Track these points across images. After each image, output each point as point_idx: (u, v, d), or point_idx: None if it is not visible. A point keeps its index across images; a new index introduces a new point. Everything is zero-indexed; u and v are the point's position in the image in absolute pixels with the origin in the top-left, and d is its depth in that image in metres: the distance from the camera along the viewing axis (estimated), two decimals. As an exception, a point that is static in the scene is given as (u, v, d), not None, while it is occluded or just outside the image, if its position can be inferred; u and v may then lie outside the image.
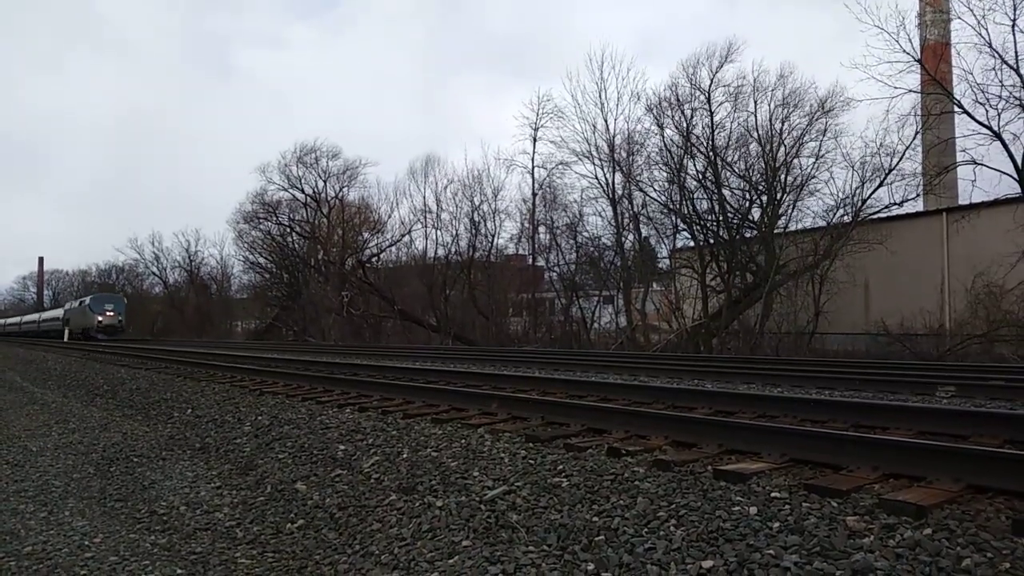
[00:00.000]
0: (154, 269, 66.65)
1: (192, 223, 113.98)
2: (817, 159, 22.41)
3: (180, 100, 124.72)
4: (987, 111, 16.95)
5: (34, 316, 72.13)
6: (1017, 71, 16.20)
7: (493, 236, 34.04)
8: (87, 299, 52.77)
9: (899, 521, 3.21)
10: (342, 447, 6.30)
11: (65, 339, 50.18)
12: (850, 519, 3.29)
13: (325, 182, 45.85)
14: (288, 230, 48.88)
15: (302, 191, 46.35)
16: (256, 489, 5.95)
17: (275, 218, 48.79)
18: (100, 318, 48.59)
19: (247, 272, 55.18)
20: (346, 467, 5.81)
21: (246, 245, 51.86)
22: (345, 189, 46.05)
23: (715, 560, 3.15)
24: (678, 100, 24.53)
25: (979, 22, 16.53)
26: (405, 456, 5.65)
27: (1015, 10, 16.00)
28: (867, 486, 3.77)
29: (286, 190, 46.62)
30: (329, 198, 46.15)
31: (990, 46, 16.50)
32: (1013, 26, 16.06)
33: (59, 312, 61.37)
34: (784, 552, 3.07)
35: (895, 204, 21.37)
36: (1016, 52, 16.16)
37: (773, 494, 3.73)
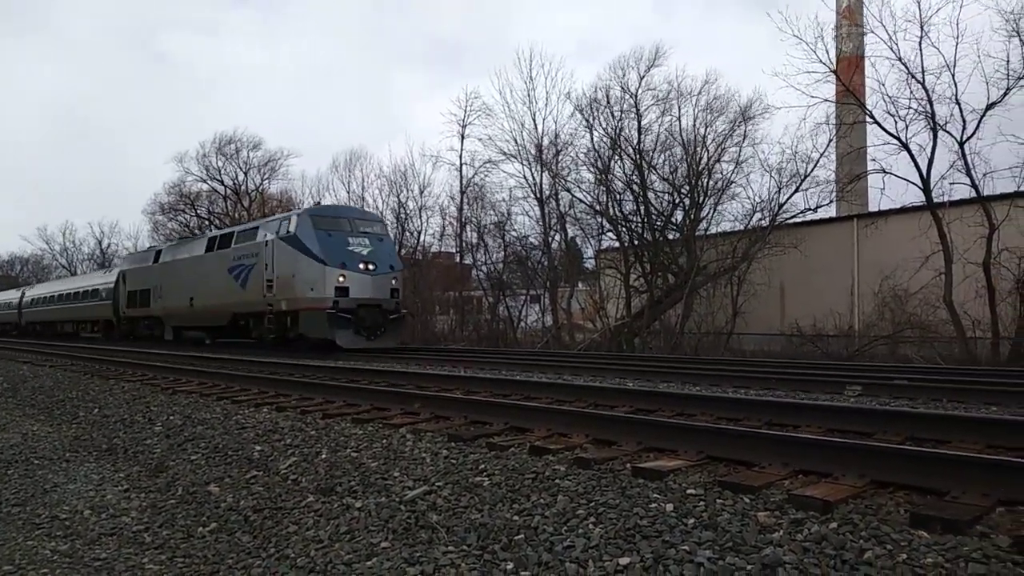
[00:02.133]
0: (62, 261, 63.49)
1: (112, 215, 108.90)
2: (737, 164, 23.09)
3: (104, 85, 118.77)
4: (896, 123, 17.75)
5: (61, 286, 36.52)
6: (923, 85, 17.03)
7: (419, 233, 33.79)
8: (289, 221, 18.68)
9: (807, 516, 3.32)
10: (258, 448, 6.13)
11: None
12: (761, 514, 3.39)
13: (246, 174, 44.55)
14: (207, 223, 47.33)
15: (222, 183, 44.95)
16: (166, 492, 5.73)
17: (193, 210, 47.18)
18: (342, 276, 17.17)
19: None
20: (262, 468, 5.66)
21: (162, 238, 49.94)
22: (267, 182, 44.90)
23: (632, 557, 3.18)
24: (608, 102, 24.87)
25: (891, 36, 17.29)
26: (324, 457, 5.54)
27: (922, 27, 16.80)
28: (778, 482, 3.89)
29: (205, 181, 45.13)
30: (250, 191, 44.92)
31: (900, 59, 17.28)
32: (920, 41, 16.87)
33: (98, 281, 29.50)
34: (698, 548, 3.13)
35: (810, 209, 22.17)
36: (923, 66, 16.98)
37: (689, 491, 3.81)
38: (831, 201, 22.38)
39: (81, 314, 31.25)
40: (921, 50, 16.92)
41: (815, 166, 21.31)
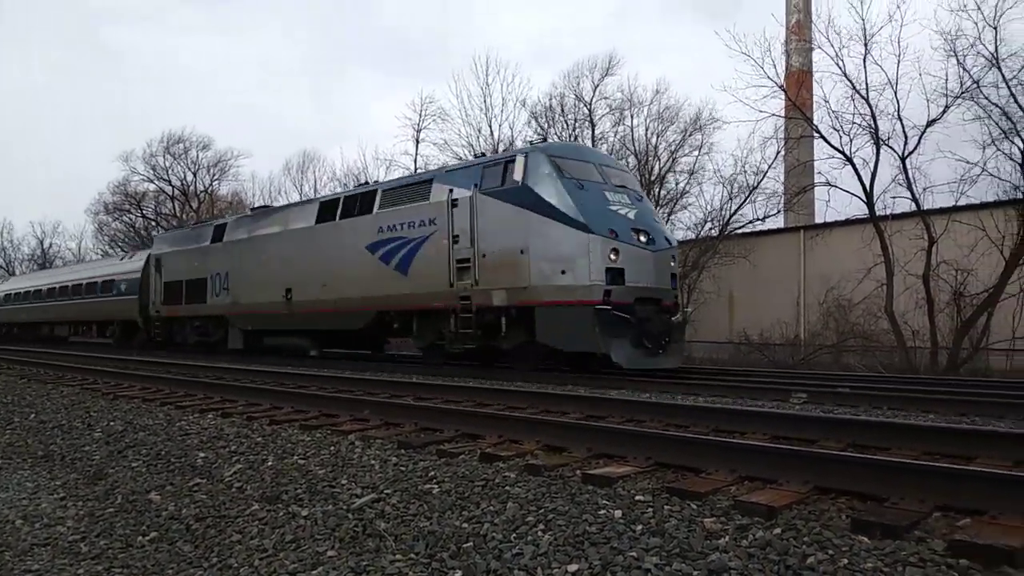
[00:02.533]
0: (0, 262, 61.35)
1: (54, 214, 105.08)
2: (691, 175, 23.51)
3: (45, 78, 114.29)
4: (841, 137, 18.27)
5: (53, 277, 28.62)
6: (867, 100, 17.56)
7: (374, 237, 33.40)
8: (509, 165, 11.49)
9: (752, 522, 3.37)
10: (202, 454, 5.99)
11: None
12: (708, 520, 3.42)
13: (195, 174, 43.74)
14: (153, 224, 46.25)
15: (169, 183, 44.02)
16: (105, 500, 5.55)
17: (139, 210, 46.07)
18: (614, 252, 10.50)
19: (107, 268, 51.51)
20: (206, 475, 5.52)
21: (106, 238, 48.69)
22: (216, 182, 44.13)
23: (580, 564, 3.19)
24: (563, 110, 25.07)
25: (837, 53, 17.82)
26: (270, 464, 5.44)
27: (866, 45, 17.34)
28: (724, 488, 3.94)
29: (151, 181, 44.11)
30: (199, 192, 44.07)
31: (845, 75, 17.80)
32: (864, 59, 17.39)
33: (114, 269, 22.99)
34: (646, 554, 3.15)
35: (758, 220, 22.75)
36: (867, 82, 17.52)
37: (637, 497, 3.83)
38: (779, 212, 22.99)
39: (86, 313, 23.98)
40: (865, 67, 17.51)
41: (763, 178, 21.86)
